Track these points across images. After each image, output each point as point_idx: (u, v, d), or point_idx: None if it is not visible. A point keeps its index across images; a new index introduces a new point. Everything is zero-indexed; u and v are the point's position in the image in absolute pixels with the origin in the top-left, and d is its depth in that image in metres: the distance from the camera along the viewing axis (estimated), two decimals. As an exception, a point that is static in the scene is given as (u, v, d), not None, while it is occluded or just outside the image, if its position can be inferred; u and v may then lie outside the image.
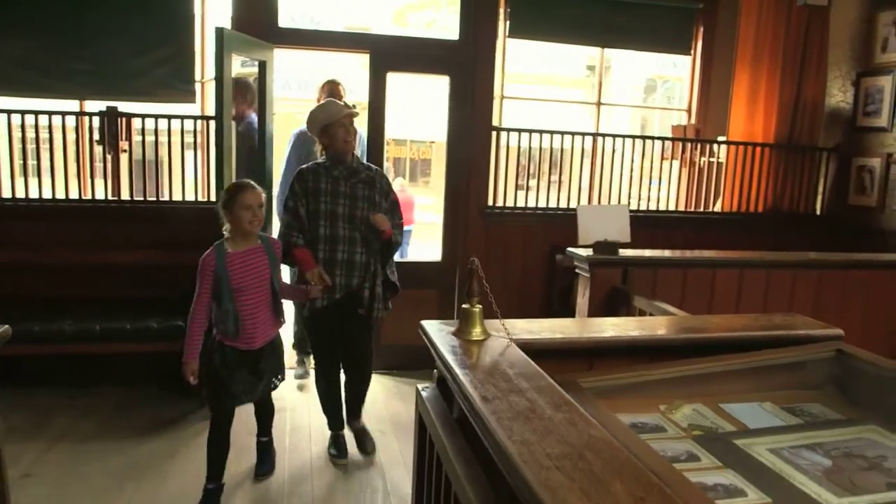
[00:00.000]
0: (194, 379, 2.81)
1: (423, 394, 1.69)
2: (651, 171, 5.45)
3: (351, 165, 3.20)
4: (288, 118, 8.07)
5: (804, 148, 5.60)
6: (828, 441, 1.47)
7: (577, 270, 3.38)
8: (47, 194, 4.46)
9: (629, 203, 5.19)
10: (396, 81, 4.96)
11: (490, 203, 5.03)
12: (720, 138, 5.63)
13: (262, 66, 4.36)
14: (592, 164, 5.31)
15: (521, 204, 5.14)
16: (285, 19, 4.80)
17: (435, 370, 1.69)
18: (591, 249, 3.31)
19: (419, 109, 8.23)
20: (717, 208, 5.66)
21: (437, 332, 1.67)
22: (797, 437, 1.49)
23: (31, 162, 4.45)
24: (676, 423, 1.56)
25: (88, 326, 3.93)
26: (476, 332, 1.62)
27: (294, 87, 11.33)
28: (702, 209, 5.59)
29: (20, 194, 4.41)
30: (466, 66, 4.81)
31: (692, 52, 5.96)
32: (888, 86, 5.14)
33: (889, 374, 1.69)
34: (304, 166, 3.31)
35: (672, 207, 5.70)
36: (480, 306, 1.65)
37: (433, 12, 11.92)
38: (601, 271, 3.25)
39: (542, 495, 0.90)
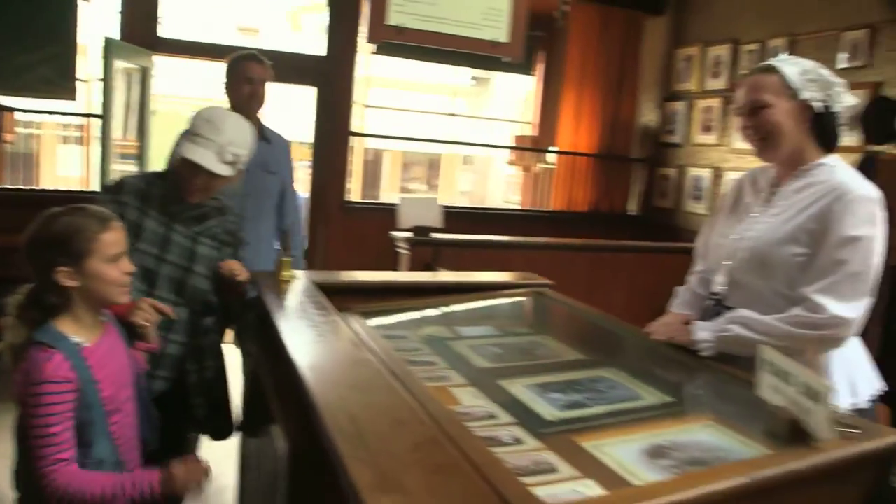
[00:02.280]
0: None
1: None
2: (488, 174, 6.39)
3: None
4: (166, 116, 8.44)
5: (620, 158, 6.70)
6: (509, 342, 2.33)
7: (398, 250, 4.21)
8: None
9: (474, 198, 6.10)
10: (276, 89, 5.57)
11: (347, 199, 5.78)
12: (551, 148, 6.65)
13: (144, 72, 4.92)
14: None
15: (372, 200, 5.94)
16: (169, 26, 5.35)
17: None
18: (410, 233, 4.16)
19: (296, 114, 8.88)
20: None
21: (262, 276, 2.39)
22: (490, 341, 2.33)
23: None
24: (418, 334, 2.36)
25: None
26: (285, 275, 2.36)
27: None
28: (534, 208, 6.60)
29: None
30: (330, 78, 5.55)
31: (535, 73, 7.01)
32: (682, 109, 6.30)
33: (563, 306, 2.57)
34: (127, 177, 2.29)
35: (509, 206, 6.68)
36: (290, 258, 2.40)
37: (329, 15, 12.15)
38: (417, 250, 4.09)
39: (280, 327, 1.67)
